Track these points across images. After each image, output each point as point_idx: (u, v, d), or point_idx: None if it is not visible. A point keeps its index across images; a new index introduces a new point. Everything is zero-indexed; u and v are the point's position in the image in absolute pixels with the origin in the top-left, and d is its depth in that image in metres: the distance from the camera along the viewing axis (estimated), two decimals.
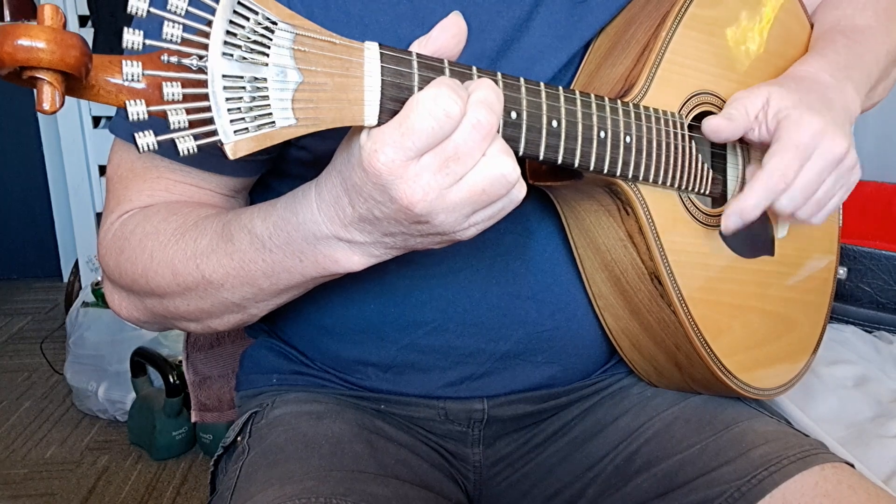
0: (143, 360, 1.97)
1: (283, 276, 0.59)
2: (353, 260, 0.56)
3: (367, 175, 0.48)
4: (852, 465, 0.69)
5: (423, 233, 0.52)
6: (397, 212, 0.49)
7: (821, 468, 0.66)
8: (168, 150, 0.65)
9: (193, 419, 0.96)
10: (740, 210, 0.66)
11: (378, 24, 0.65)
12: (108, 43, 2.26)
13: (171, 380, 1.89)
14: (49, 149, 3.01)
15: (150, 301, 0.67)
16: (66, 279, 3.06)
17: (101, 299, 2.19)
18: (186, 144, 0.41)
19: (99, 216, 2.57)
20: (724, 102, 0.72)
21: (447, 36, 0.51)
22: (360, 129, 0.49)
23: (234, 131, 0.41)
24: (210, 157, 0.67)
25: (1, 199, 3.24)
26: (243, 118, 0.41)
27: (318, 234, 0.54)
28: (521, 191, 0.52)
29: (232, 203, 0.71)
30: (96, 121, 2.57)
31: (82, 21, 2.48)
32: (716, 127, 0.68)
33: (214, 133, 0.41)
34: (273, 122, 0.42)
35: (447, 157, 0.48)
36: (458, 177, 0.49)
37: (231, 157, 0.41)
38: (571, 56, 0.72)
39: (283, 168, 0.72)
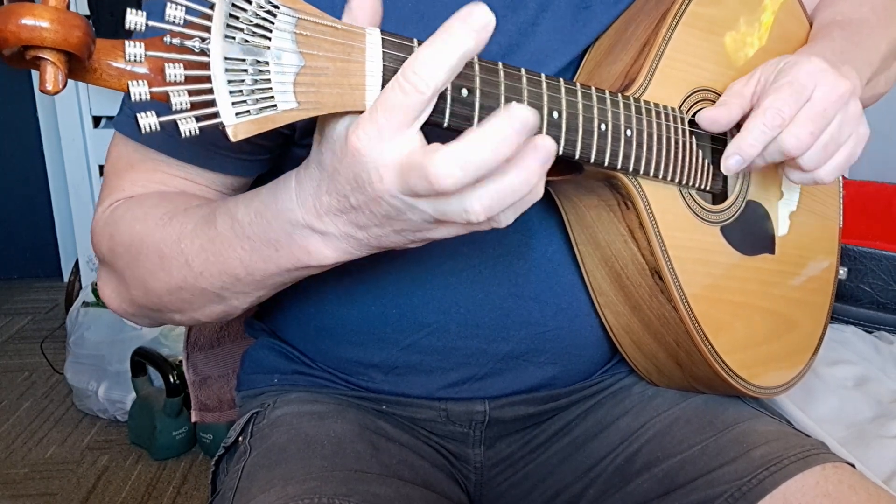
0: (143, 359, 1.96)
1: (259, 266, 0.58)
2: (325, 254, 0.54)
3: (344, 158, 0.47)
4: (853, 466, 0.69)
5: (397, 228, 0.51)
6: (371, 200, 0.48)
7: (821, 468, 0.66)
8: (169, 142, 0.66)
9: (193, 419, 0.95)
10: (738, 147, 0.64)
11: (382, 25, 0.65)
12: None
13: (172, 380, 1.89)
14: (49, 149, 3.01)
15: (135, 291, 0.66)
16: (66, 279, 3.05)
17: (101, 299, 2.19)
18: (188, 126, 0.41)
19: None
20: None
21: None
22: (340, 115, 0.48)
23: (236, 113, 0.41)
24: (208, 153, 0.67)
25: (1, 199, 3.23)
26: (245, 101, 0.41)
27: (293, 222, 0.54)
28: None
29: None
30: (96, 121, 2.57)
31: None
32: (710, 117, 0.67)
33: (216, 115, 0.41)
34: (275, 105, 0.42)
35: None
36: None
37: (232, 138, 0.41)
38: (573, 58, 0.72)
39: (285, 168, 0.71)
